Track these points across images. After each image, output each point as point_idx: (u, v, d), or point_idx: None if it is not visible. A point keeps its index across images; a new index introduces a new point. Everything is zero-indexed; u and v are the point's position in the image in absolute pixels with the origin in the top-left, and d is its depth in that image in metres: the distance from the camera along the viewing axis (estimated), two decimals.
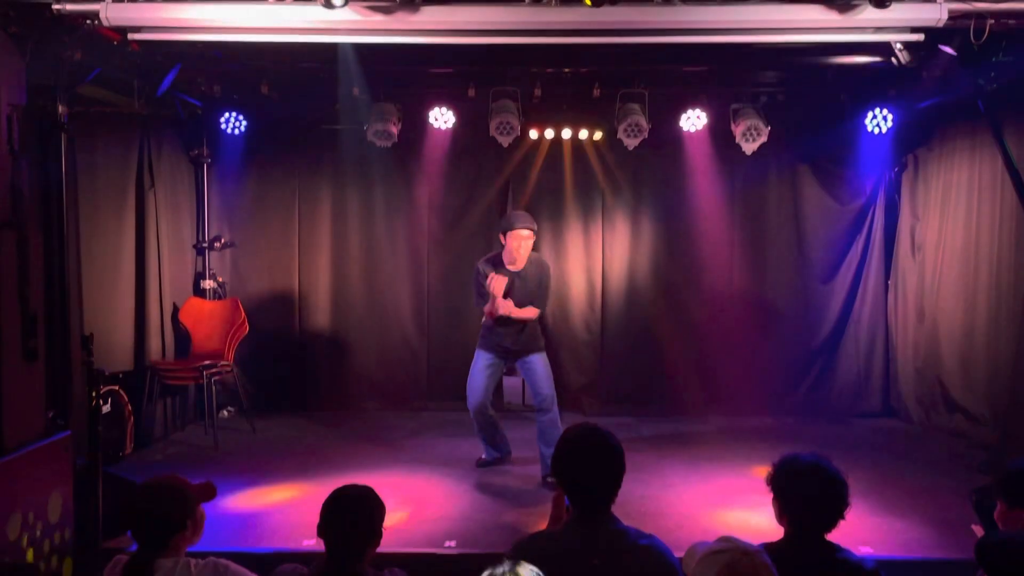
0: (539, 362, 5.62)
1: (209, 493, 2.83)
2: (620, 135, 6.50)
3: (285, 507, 4.98)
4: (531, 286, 5.59)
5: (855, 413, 7.47)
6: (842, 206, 7.56)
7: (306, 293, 7.67)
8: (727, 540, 2.15)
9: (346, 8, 4.26)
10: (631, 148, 6.58)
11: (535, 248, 5.81)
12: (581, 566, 2.40)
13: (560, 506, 2.71)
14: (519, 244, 5.48)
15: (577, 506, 2.54)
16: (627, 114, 6.44)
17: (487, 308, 5.52)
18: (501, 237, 5.61)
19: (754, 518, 4.64)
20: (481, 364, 5.68)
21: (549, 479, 5.37)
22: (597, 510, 2.51)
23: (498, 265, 5.58)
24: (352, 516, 2.59)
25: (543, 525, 2.77)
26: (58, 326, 4.64)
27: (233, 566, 2.64)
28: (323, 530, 2.60)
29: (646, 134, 6.46)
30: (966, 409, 6.53)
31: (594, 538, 2.47)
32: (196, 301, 7.19)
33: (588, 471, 2.51)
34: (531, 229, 5.53)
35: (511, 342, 5.60)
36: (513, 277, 5.53)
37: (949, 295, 6.78)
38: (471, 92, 6.43)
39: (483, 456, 5.97)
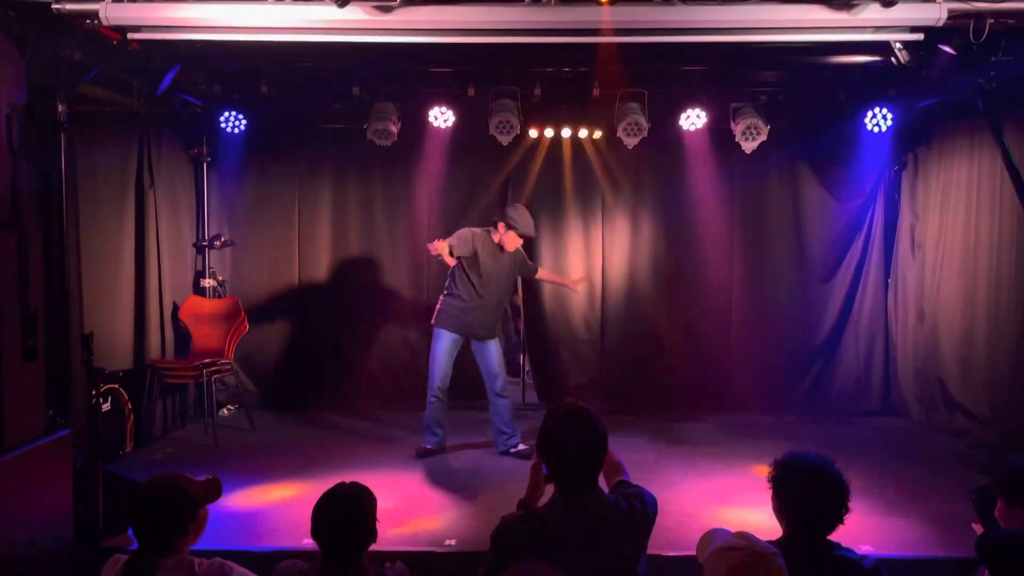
0: (494, 347, 6.10)
1: (215, 492, 2.82)
2: (620, 134, 6.52)
3: (285, 506, 4.99)
4: (510, 272, 6.15)
5: (855, 412, 7.46)
6: (842, 205, 7.55)
7: (306, 292, 7.67)
8: (744, 538, 2.15)
9: (348, 7, 4.26)
10: (631, 147, 6.60)
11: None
12: (567, 543, 2.44)
13: (538, 472, 2.75)
14: (511, 242, 5.98)
15: (560, 483, 2.58)
16: (627, 113, 6.45)
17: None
18: (501, 225, 5.98)
19: (754, 516, 4.63)
20: (447, 343, 6.02)
21: (512, 451, 6.02)
22: (580, 486, 2.56)
23: (488, 240, 6.01)
24: (343, 518, 2.58)
25: None
26: (58, 325, 4.65)
27: (237, 568, 2.64)
28: (316, 534, 2.59)
29: (646, 133, 6.47)
30: (966, 408, 6.53)
31: (577, 514, 2.51)
32: (196, 300, 7.19)
33: (572, 452, 2.55)
34: (530, 237, 6.04)
35: (483, 326, 6.05)
36: (491, 263, 6.00)
37: (949, 294, 6.78)
38: (471, 91, 6.43)
39: (427, 445, 6.08)
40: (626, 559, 2.54)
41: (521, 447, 6.03)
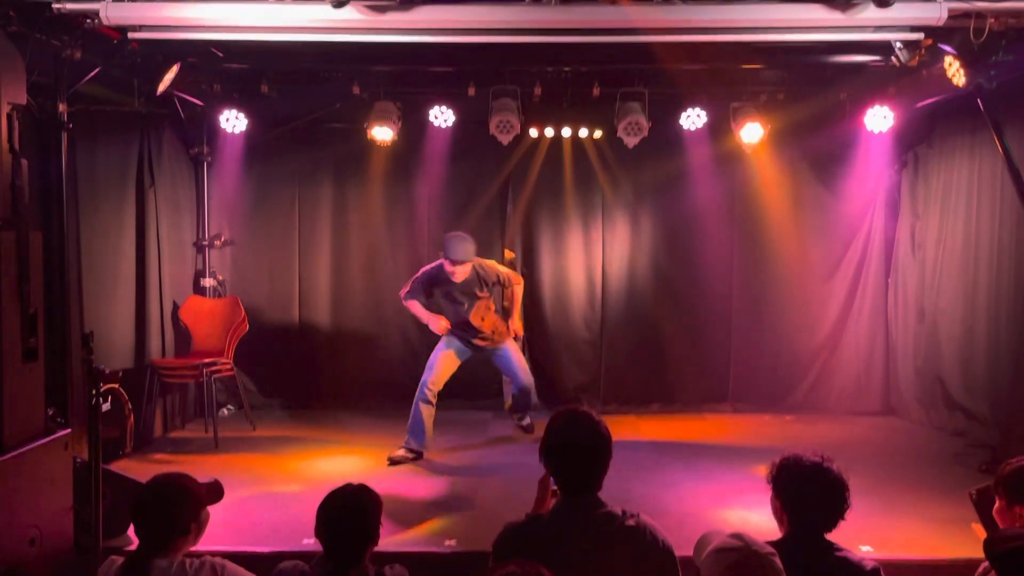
0: (510, 351, 6.21)
1: (217, 494, 2.82)
2: (620, 134, 6.53)
3: (285, 506, 4.98)
4: (476, 288, 6.01)
5: (855, 412, 7.45)
6: (842, 204, 7.55)
7: (306, 291, 7.67)
8: (739, 538, 2.15)
9: (347, 7, 4.26)
10: (631, 147, 6.60)
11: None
12: (570, 550, 2.42)
13: (546, 487, 2.74)
14: (452, 270, 5.86)
15: (565, 491, 2.56)
16: (627, 113, 6.45)
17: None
18: (440, 253, 5.96)
19: (754, 517, 4.63)
20: (450, 346, 6.10)
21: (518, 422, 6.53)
22: (585, 494, 2.54)
23: (439, 276, 5.97)
24: (347, 518, 2.59)
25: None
26: (58, 325, 4.64)
27: (230, 565, 2.64)
28: (319, 533, 2.60)
29: (646, 133, 6.47)
30: (966, 408, 6.52)
31: (582, 522, 2.49)
32: (196, 299, 7.19)
33: (576, 456, 2.54)
34: (459, 262, 5.82)
35: (475, 338, 6.10)
36: (456, 289, 5.98)
37: (949, 294, 6.77)
38: (471, 91, 6.43)
39: (401, 450, 5.96)
40: (631, 567, 2.52)
41: (527, 421, 6.54)
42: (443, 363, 6.08)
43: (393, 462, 5.90)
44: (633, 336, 7.62)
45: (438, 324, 6.05)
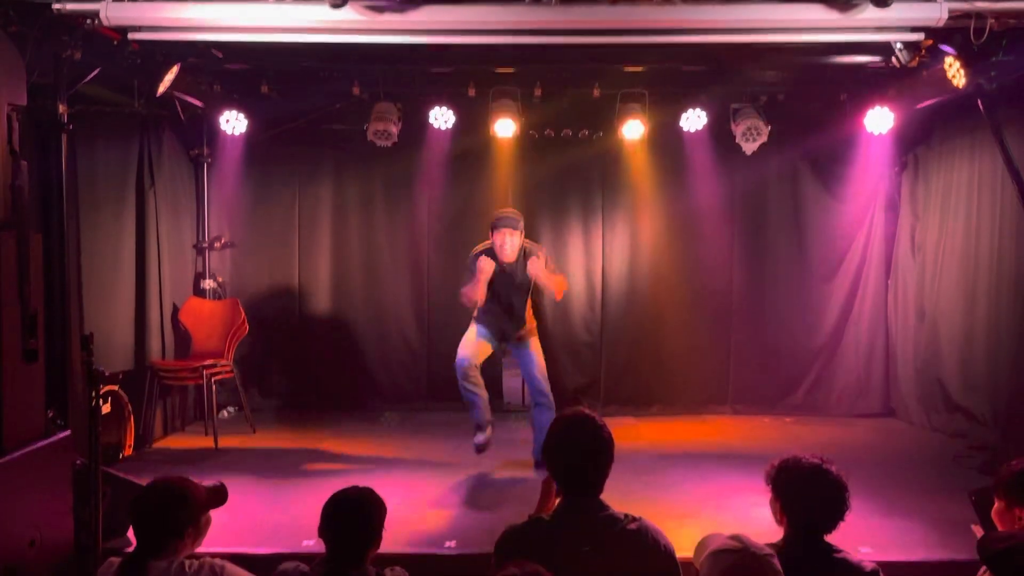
0: (535, 353, 5.81)
1: (220, 498, 2.82)
2: (621, 134, 6.53)
3: (285, 508, 4.98)
4: (521, 274, 5.69)
5: (855, 413, 7.46)
6: (842, 205, 7.55)
7: (306, 293, 7.67)
8: (738, 539, 2.15)
9: (347, 8, 4.27)
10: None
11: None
12: (572, 553, 2.42)
13: (549, 490, 2.73)
14: (503, 241, 5.59)
15: (567, 492, 2.56)
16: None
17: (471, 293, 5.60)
18: (490, 232, 5.70)
19: (754, 518, 4.63)
20: (477, 333, 5.74)
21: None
22: (587, 496, 2.53)
23: (491, 256, 5.66)
24: (352, 519, 2.60)
25: None
26: (58, 326, 4.63)
27: (229, 566, 2.64)
28: (323, 532, 2.61)
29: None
30: (966, 409, 6.52)
31: (584, 524, 2.48)
32: (196, 301, 7.19)
33: (578, 458, 2.54)
34: (514, 229, 5.60)
35: (510, 328, 5.77)
36: (503, 267, 5.66)
37: (949, 295, 6.77)
38: (471, 92, 6.43)
39: (480, 438, 5.69)
40: (632, 570, 2.51)
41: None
42: (476, 344, 5.70)
43: (480, 449, 5.70)
44: (633, 338, 7.62)
45: (486, 263, 5.53)
